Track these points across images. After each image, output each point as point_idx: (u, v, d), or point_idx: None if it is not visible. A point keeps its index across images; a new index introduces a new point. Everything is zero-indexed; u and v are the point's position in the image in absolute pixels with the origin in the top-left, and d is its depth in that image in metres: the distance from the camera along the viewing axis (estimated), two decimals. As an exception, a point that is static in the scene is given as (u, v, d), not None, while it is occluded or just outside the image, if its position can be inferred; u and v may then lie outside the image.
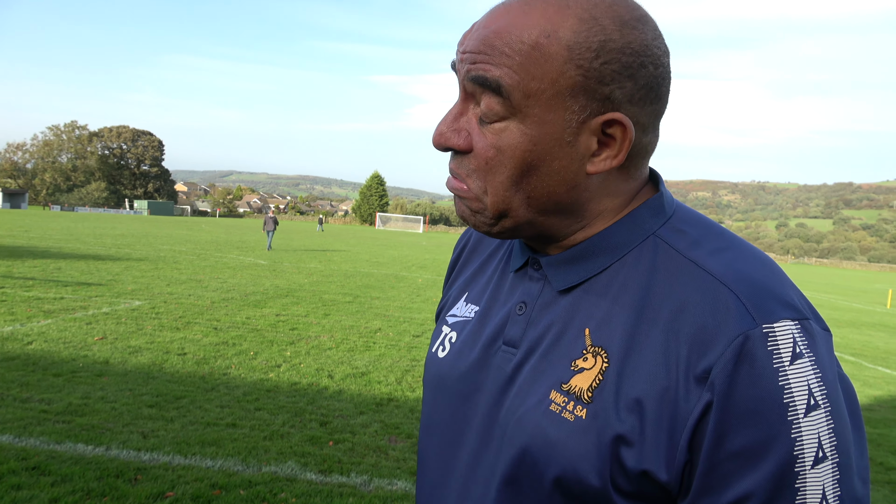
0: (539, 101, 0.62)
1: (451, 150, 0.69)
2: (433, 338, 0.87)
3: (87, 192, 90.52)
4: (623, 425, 0.61)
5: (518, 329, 0.73)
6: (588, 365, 0.65)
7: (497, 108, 0.64)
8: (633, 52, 0.63)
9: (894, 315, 18.38)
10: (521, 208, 0.67)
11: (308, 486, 3.63)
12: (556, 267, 0.72)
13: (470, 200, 0.69)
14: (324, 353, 6.86)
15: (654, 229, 0.69)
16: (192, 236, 28.76)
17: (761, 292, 0.60)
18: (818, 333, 0.60)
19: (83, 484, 3.41)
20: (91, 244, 19.75)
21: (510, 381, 0.71)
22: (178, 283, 11.65)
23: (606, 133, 0.64)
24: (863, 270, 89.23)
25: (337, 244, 30.88)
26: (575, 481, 0.62)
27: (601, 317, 0.67)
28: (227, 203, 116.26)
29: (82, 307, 8.44)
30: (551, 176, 0.65)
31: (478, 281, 0.86)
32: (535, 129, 0.63)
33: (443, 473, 0.77)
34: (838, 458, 0.57)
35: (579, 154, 0.64)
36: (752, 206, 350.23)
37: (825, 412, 0.57)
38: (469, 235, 0.94)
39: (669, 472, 0.59)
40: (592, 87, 0.62)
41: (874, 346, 11.23)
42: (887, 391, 7.57)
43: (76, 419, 4.32)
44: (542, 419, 0.65)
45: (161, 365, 5.86)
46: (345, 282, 14.08)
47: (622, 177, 0.69)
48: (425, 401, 0.84)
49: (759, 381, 0.57)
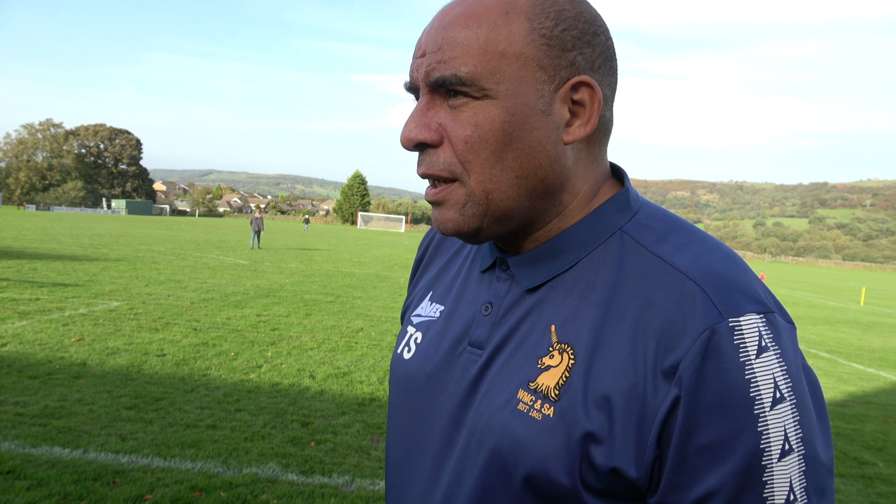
0: (507, 75, 0.63)
1: (421, 146, 0.68)
2: (399, 339, 0.86)
3: (64, 192, 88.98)
4: (591, 423, 0.61)
5: (484, 330, 0.72)
6: (554, 362, 0.65)
7: (468, 95, 0.64)
8: (587, 21, 0.66)
9: (867, 312, 18.74)
10: (510, 189, 0.66)
11: (290, 487, 3.61)
12: (523, 266, 0.71)
13: (452, 198, 0.67)
14: (305, 354, 6.83)
15: (620, 225, 0.69)
16: (172, 236, 28.43)
17: (727, 286, 0.61)
18: (783, 327, 0.61)
19: (60, 488, 3.36)
20: (67, 244, 19.44)
21: (476, 383, 0.70)
22: (157, 283, 11.51)
23: (575, 101, 0.66)
24: (837, 269, 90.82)
25: (318, 244, 30.72)
26: (545, 481, 0.62)
27: (567, 314, 0.66)
28: (206, 202, 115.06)
29: (59, 308, 8.31)
30: (534, 147, 0.65)
31: (442, 280, 0.85)
32: (509, 101, 0.64)
33: (408, 478, 0.76)
34: (804, 450, 0.58)
35: (555, 123, 0.65)
36: (729, 205, 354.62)
37: (791, 405, 0.58)
38: (434, 234, 0.93)
39: (639, 469, 0.59)
40: (557, 54, 0.64)
41: (848, 343, 11.43)
42: (860, 387, 7.71)
43: (52, 422, 4.26)
44: (511, 419, 0.65)
45: (140, 366, 5.79)
46: (326, 281, 14.01)
47: (590, 156, 0.70)
48: (391, 403, 0.83)
49: (725, 374, 0.57)
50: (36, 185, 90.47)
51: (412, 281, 0.94)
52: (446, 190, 0.68)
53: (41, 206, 76.78)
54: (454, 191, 0.67)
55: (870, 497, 4.25)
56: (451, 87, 0.64)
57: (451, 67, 0.64)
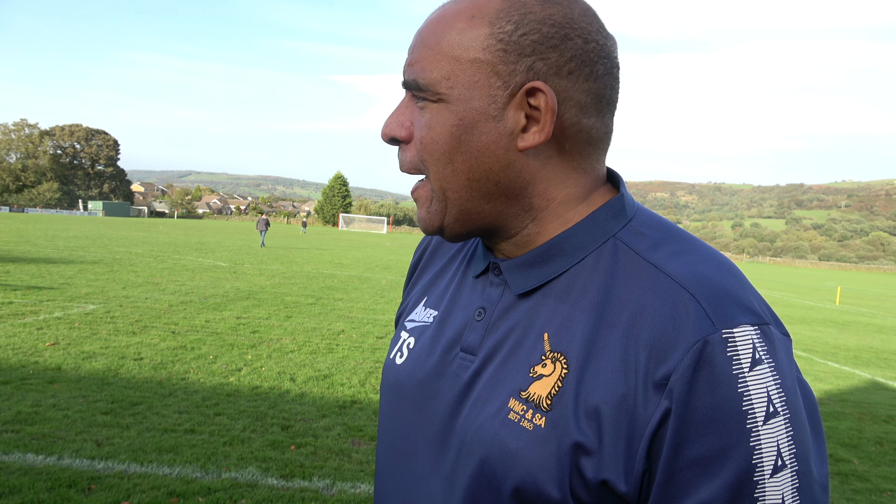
0: (460, 80, 0.64)
1: (395, 141, 0.71)
2: (392, 344, 0.85)
3: (39, 193, 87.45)
4: (582, 434, 0.60)
5: (476, 336, 0.71)
6: (547, 371, 0.64)
7: (427, 98, 0.67)
8: (555, 24, 0.64)
9: (843, 312, 19.07)
10: (462, 190, 0.67)
11: (269, 491, 3.58)
12: (515, 271, 0.70)
13: (423, 195, 0.71)
14: (286, 356, 6.77)
15: (614, 231, 0.68)
16: (150, 238, 28.06)
17: (721, 296, 0.59)
18: (778, 339, 0.59)
19: (33, 495, 3.29)
20: (42, 246, 19.10)
21: (467, 390, 0.69)
22: (135, 286, 11.35)
23: (532, 106, 0.64)
24: (814, 268, 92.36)
25: (300, 245, 30.52)
26: (534, 493, 0.61)
27: (560, 321, 0.65)
28: (185, 204, 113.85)
29: (33, 312, 8.16)
30: (482, 152, 0.65)
31: (437, 286, 0.84)
32: (459, 106, 0.65)
33: (397, 484, 0.75)
34: (798, 466, 0.56)
35: (507, 129, 0.65)
36: (708, 206, 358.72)
37: (784, 419, 0.56)
38: (430, 239, 0.93)
39: (628, 483, 0.58)
40: (513, 59, 0.63)
41: (824, 342, 11.62)
42: (836, 385, 7.85)
43: (26, 428, 4.17)
44: (501, 428, 0.64)
45: (116, 370, 5.70)
46: (307, 283, 13.92)
47: (567, 164, 0.68)
48: (382, 408, 0.82)
49: (717, 387, 0.56)
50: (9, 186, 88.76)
51: (407, 286, 0.94)
52: (420, 187, 0.71)
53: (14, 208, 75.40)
54: (424, 187, 0.70)
55: (845, 494, 4.32)
56: (414, 91, 0.67)
57: (414, 72, 0.67)
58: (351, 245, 35.57)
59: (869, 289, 38.00)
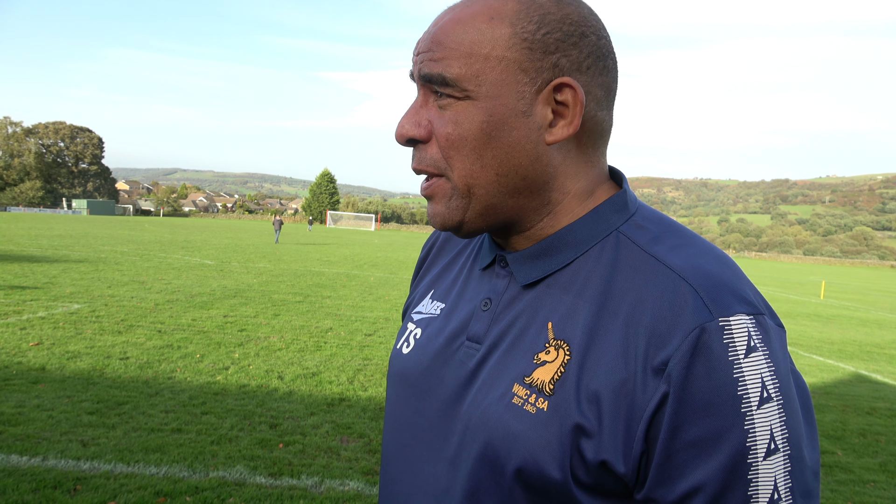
0: (488, 78, 0.66)
1: (412, 142, 0.72)
2: (399, 335, 0.88)
3: (22, 192, 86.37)
4: (583, 416, 0.62)
5: (482, 325, 0.74)
6: (550, 358, 0.66)
7: (451, 96, 0.68)
8: (573, 23, 0.67)
9: (827, 305, 19.29)
10: (491, 185, 0.68)
11: (257, 489, 3.56)
12: (520, 263, 0.73)
13: (440, 191, 0.71)
14: (273, 354, 6.75)
15: (617, 225, 0.71)
16: (135, 236, 27.81)
17: (718, 287, 0.62)
18: (772, 329, 0.62)
19: (17, 497, 3.25)
20: (25, 245, 18.87)
21: (472, 377, 0.72)
22: (120, 284, 11.25)
23: (559, 101, 0.67)
24: (798, 263, 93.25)
25: (287, 242, 30.39)
26: (536, 473, 0.63)
27: (564, 311, 0.68)
28: (171, 202, 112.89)
29: (16, 312, 8.06)
30: (513, 147, 0.67)
31: (444, 279, 0.87)
32: (488, 103, 0.66)
33: (403, 470, 0.78)
34: (790, 450, 0.59)
35: (536, 124, 0.67)
36: (695, 202, 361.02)
37: (777, 405, 0.59)
38: (437, 235, 0.95)
39: (626, 464, 0.60)
40: (538, 57, 0.66)
41: (808, 336, 11.75)
42: (820, 378, 7.94)
43: (9, 429, 4.13)
44: (505, 412, 0.66)
45: (102, 370, 5.65)
46: (295, 281, 13.87)
47: (582, 157, 0.71)
48: (388, 396, 0.85)
49: (714, 372, 0.58)
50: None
51: (414, 280, 0.97)
52: (435, 184, 0.71)
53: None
54: (441, 185, 0.71)
55: (829, 485, 4.37)
56: (437, 86, 0.68)
57: (438, 67, 0.67)
58: (339, 242, 35.46)
59: (853, 283, 38.45)
